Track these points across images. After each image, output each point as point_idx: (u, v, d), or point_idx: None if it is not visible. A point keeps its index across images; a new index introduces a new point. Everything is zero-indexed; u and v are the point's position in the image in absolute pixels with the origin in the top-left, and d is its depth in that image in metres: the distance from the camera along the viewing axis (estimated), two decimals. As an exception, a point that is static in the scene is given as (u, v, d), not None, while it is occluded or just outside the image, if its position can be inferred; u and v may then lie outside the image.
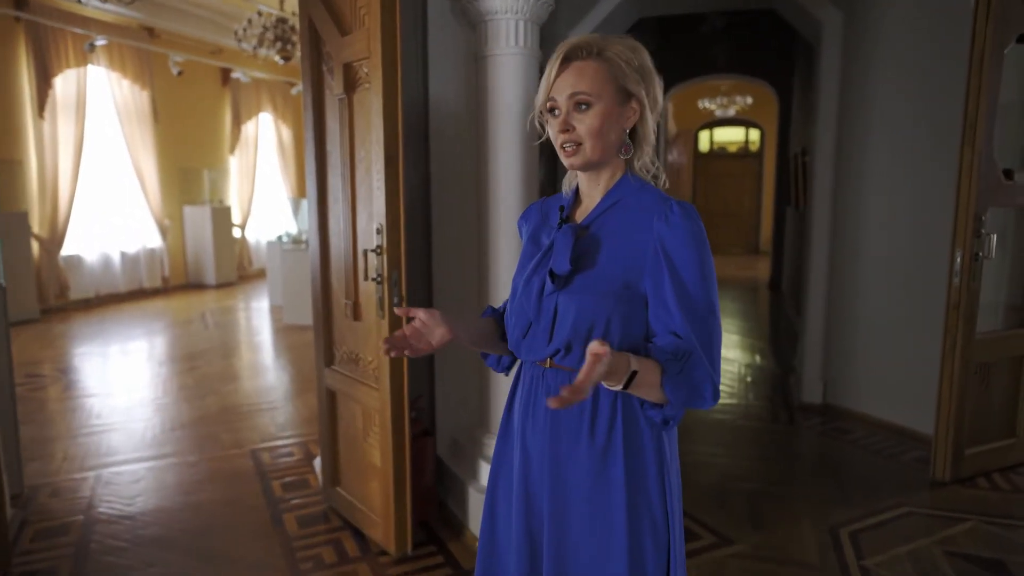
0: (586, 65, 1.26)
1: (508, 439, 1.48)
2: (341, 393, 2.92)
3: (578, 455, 1.31)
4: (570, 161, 1.29)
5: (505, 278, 2.78)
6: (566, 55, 1.27)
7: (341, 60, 2.62)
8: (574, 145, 1.27)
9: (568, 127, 1.27)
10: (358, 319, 2.75)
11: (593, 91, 1.25)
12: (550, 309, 1.30)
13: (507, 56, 2.66)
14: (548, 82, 1.28)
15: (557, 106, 1.28)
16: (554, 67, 1.27)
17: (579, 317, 1.26)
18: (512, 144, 2.72)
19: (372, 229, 2.55)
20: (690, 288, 1.21)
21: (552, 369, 1.34)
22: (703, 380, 1.20)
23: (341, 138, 2.69)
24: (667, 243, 1.22)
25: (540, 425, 1.36)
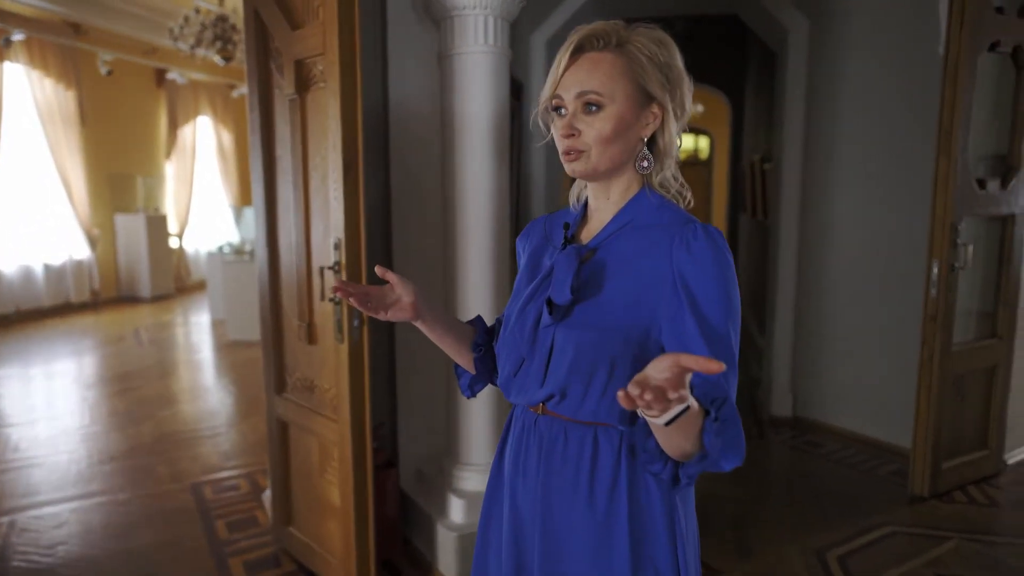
0: (601, 58, 1.06)
1: (499, 488, 1.27)
2: (294, 424, 2.64)
3: (574, 523, 1.10)
4: (571, 167, 1.09)
5: (475, 297, 2.56)
6: (578, 44, 1.06)
7: (292, 57, 2.36)
8: (577, 152, 1.07)
9: (573, 131, 1.06)
10: (313, 343, 2.49)
11: (606, 90, 1.05)
12: (545, 344, 1.10)
13: (475, 55, 2.45)
14: (555, 76, 1.08)
15: (563, 104, 1.08)
16: (563, 58, 1.07)
17: (578, 356, 1.06)
18: (482, 151, 2.51)
19: (329, 244, 2.30)
20: (716, 333, 1.00)
21: (545, 416, 1.14)
22: (739, 432, 0.99)
23: (292, 142, 2.43)
24: (689, 276, 1.02)
25: (531, 483, 1.15)
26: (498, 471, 1.27)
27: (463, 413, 2.64)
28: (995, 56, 3.12)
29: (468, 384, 1.32)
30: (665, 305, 1.03)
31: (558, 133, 1.09)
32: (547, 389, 1.09)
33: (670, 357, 0.78)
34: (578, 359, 1.06)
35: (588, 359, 1.05)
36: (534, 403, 1.13)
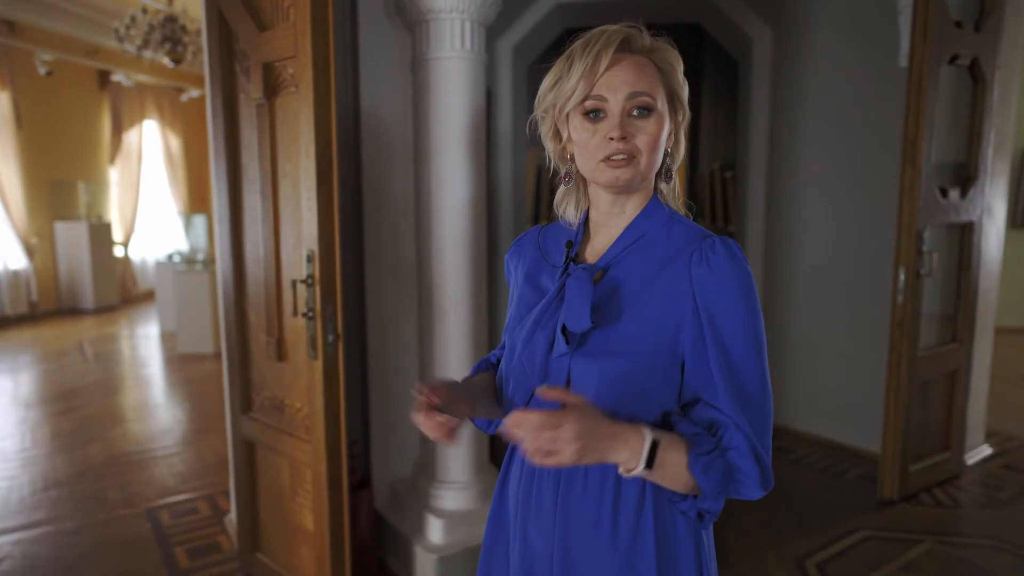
0: (644, 62, 1.01)
1: (502, 524, 1.19)
2: (262, 445, 2.51)
3: (596, 560, 1.03)
4: (617, 174, 1.00)
5: (452, 312, 2.49)
6: (622, 44, 1.00)
7: (260, 59, 2.25)
8: (628, 157, 1.00)
9: (627, 133, 0.99)
10: (283, 360, 2.37)
11: (656, 94, 1.00)
12: (561, 375, 1.02)
13: (451, 60, 2.39)
14: (593, 73, 0.99)
15: (603, 107, 1.00)
16: (604, 56, 0.99)
17: (604, 386, 0.98)
18: (458, 158, 2.44)
19: (301, 256, 2.19)
20: (740, 360, 0.96)
21: None
22: (744, 463, 0.94)
23: (260, 149, 2.31)
24: (710, 297, 0.97)
25: (547, 517, 1.07)
26: (499, 510, 1.19)
27: (440, 429, 2.55)
28: (953, 68, 3.20)
29: (487, 424, 1.24)
30: (688, 328, 0.98)
31: (596, 137, 1.01)
32: None
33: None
34: (603, 390, 0.99)
35: (614, 389, 0.98)
36: None
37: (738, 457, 0.94)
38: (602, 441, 0.92)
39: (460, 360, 2.51)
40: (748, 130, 4.18)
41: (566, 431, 0.88)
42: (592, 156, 1.02)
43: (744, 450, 0.95)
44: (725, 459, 0.94)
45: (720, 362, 0.96)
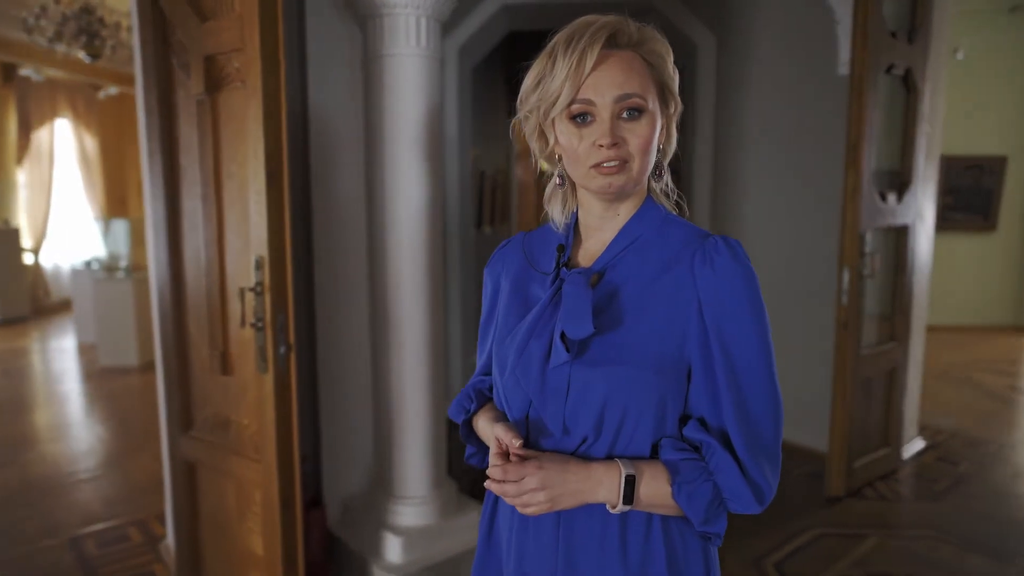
0: (632, 57, 0.94)
1: (493, 549, 1.12)
2: (205, 466, 2.34)
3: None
4: (610, 181, 0.94)
5: (407, 321, 2.39)
6: (608, 39, 0.93)
7: (201, 52, 2.09)
8: (620, 163, 0.94)
9: (617, 140, 0.93)
10: (229, 374, 2.21)
11: (646, 94, 0.94)
12: (560, 386, 0.96)
13: (407, 57, 2.29)
14: (578, 75, 0.93)
15: (591, 111, 0.94)
16: (590, 54, 0.92)
17: (612, 398, 0.93)
18: (414, 160, 2.35)
19: (249, 262, 2.05)
20: (745, 370, 0.93)
21: None
22: (731, 484, 0.92)
23: (202, 149, 2.15)
24: (716, 302, 0.93)
25: (546, 539, 1.00)
26: (489, 536, 1.12)
27: (397, 443, 2.44)
28: (888, 78, 3.32)
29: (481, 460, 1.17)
30: (694, 333, 0.94)
31: (585, 142, 0.95)
32: (576, 435, 0.96)
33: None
34: (611, 401, 0.93)
35: (621, 400, 0.93)
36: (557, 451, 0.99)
37: (725, 479, 0.92)
38: (573, 484, 0.92)
39: (416, 371, 2.41)
40: (693, 134, 4.24)
41: (528, 482, 0.92)
42: (582, 163, 0.96)
43: (731, 471, 0.92)
44: (712, 483, 0.92)
45: (725, 372, 0.93)
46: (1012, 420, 4.63)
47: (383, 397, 2.46)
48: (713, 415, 0.94)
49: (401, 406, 2.42)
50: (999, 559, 2.79)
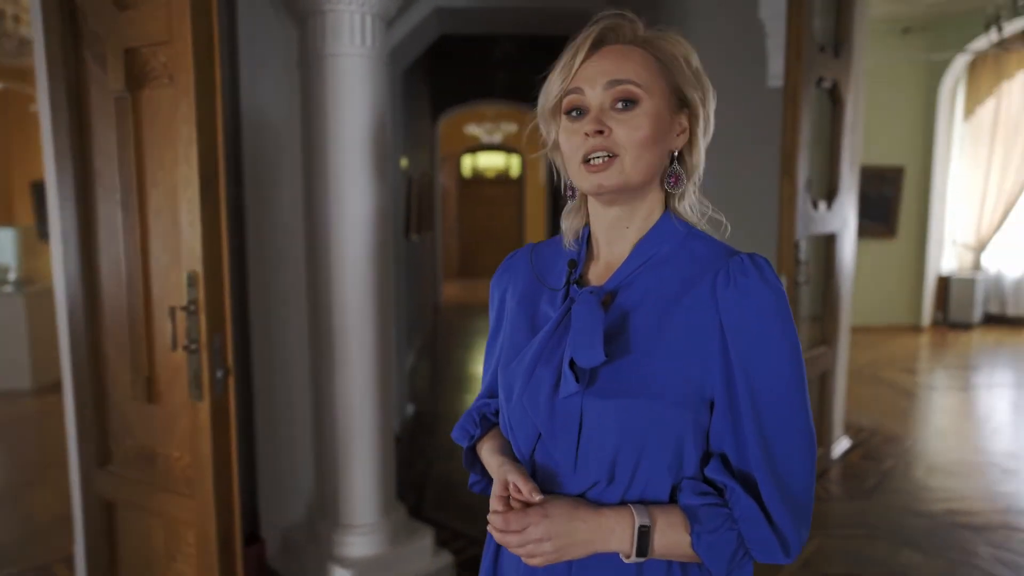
0: (630, 50, 0.88)
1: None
2: (125, 504, 2.11)
3: None
4: (597, 179, 0.86)
5: (355, 338, 2.24)
6: (599, 35, 0.87)
7: (121, 44, 1.88)
8: (607, 156, 0.86)
9: (602, 127, 0.85)
10: (155, 401, 1.99)
11: (643, 81, 0.86)
12: (571, 418, 0.87)
13: (353, 58, 2.15)
14: (570, 68, 0.87)
15: (583, 103, 0.87)
16: (583, 48, 0.86)
17: (627, 435, 0.84)
18: (360, 166, 2.21)
19: (179, 278, 1.85)
20: (772, 404, 0.84)
21: None
22: (756, 534, 0.84)
23: (122, 152, 1.93)
24: (741, 329, 0.84)
25: None
26: None
27: (343, 468, 2.29)
28: (817, 90, 3.44)
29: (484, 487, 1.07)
30: (717, 363, 0.85)
31: (576, 135, 0.87)
32: (588, 475, 0.87)
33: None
34: (624, 436, 0.85)
35: (636, 436, 0.84)
36: (571, 493, 0.89)
37: (750, 529, 0.84)
38: (582, 535, 0.83)
39: (364, 389, 2.26)
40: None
41: (532, 532, 0.82)
42: (572, 159, 0.89)
43: (757, 521, 0.84)
44: (736, 532, 0.85)
45: (751, 409, 0.84)
46: (922, 415, 4.92)
47: (327, 419, 2.29)
48: (737, 456, 0.86)
49: (347, 428, 2.27)
50: (928, 554, 2.92)
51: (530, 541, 0.82)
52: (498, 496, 0.86)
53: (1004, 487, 3.63)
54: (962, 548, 2.96)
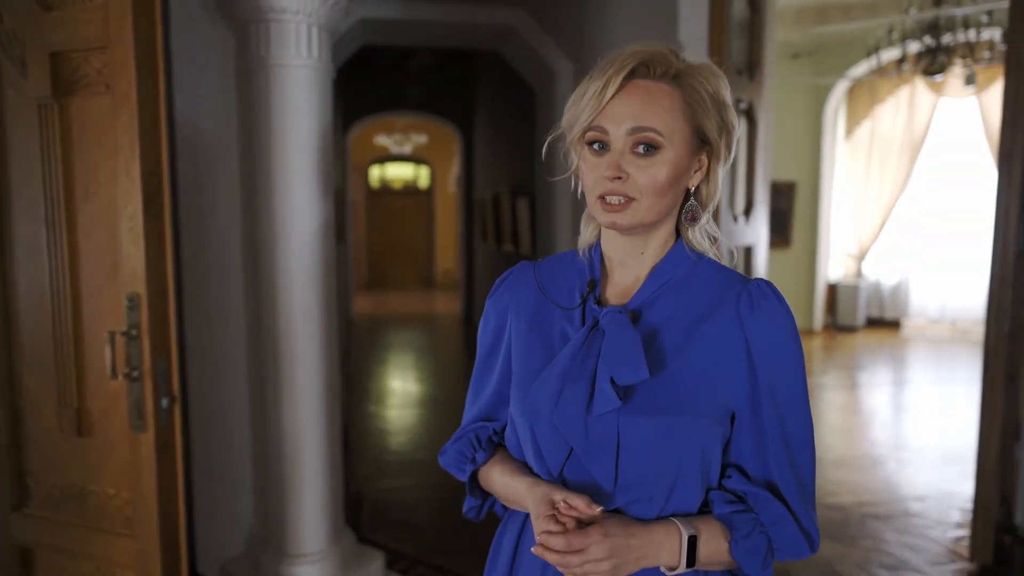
0: (659, 90, 0.89)
1: None
2: (47, 548, 1.92)
3: None
4: (612, 218, 0.89)
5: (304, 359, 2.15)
6: (633, 68, 0.89)
7: (45, 47, 1.73)
8: (623, 199, 0.89)
9: (621, 173, 0.88)
10: (86, 435, 1.83)
11: (667, 130, 0.88)
12: (609, 436, 0.89)
13: (298, 68, 2.08)
14: (599, 101, 0.88)
15: (606, 139, 0.89)
16: (613, 81, 0.87)
17: (670, 450, 0.88)
18: (306, 178, 2.14)
19: (117, 299, 1.72)
20: (793, 417, 0.92)
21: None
22: (786, 535, 0.91)
23: (47, 164, 1.78)
24: (763, 347, 0.90)
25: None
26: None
27: (291, 495, 2.19)
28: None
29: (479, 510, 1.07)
30: (743, 381, 0.90)
31: (595, 172, 0.90)
32: (628, 491, 0.88)
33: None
34: (667, 451, 0.88)
35: (677, 450, 0.88)
36: (601, 508, 0.90)
37: (780, 531, 0.91)
38: (636, 551, 0.86)
39: (313, 412, 2.18)
40: (554, 161, 4.34)
41: (594, 551, 0.83)
42: (590, 192, 0.92)
43: (787, 523, 0.91)
44: (766, 535, 0.91)
45: (774, 420, 0.91)
46: (819, 413, 5.27)
47: (272, 445, 2.19)
48: (760, 464, 0.92)
49: (296, 453, 2.17)
50: (846, 544, 3.13)
51: (590, 561, 0.82)
52: (546, 516, 0.85)
53: (899, 478, 3.96)
54: (873, 536, 3.20)
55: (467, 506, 1.07)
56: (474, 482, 1.06)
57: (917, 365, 7.09)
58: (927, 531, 3.25)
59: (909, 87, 7.78)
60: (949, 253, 7.99)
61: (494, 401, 1.05)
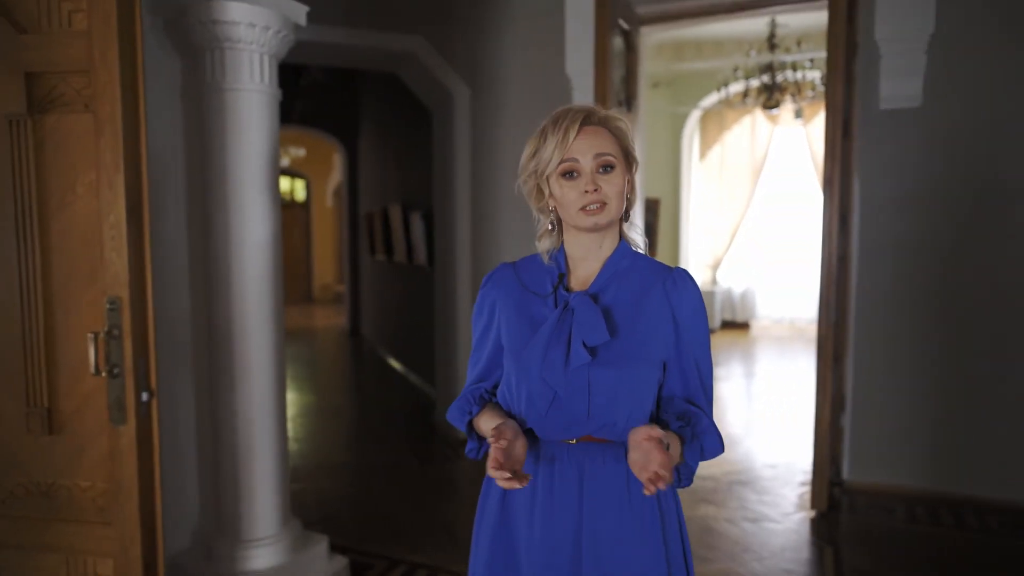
0: (598, 130, 1.28)
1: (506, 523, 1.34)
2: (9, 547, 1.98)
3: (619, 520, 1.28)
4: (595, 219, 1.27)
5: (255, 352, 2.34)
6: (585, 118, 1.27)
7: (19, 67, 1.85)
8: (600, 204, 1.26)
9: (596, 186, 1.25)
10: (56, 432, 1.93)
11: (614, 153, 1.28)
12: (582, 383, 1.26)
13: (251, 93, 2.30)
14: (565, 142, 1.25)
15: (577, 168, 1.26)
16: (572, 128, 1.25)
17: (624, 389, 1.26)
18: (258, 192, 2.35)
19: (93, 303, 1.86)
20: (703, 359, 1.33)
21: (581, 443, 1.29)
22: (713, 440, 1.32)
23: (18, 176, 1.88)
24: (683, 314, 1.30)
25: (570, 500, 1.28)
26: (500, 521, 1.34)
27: (244, 484, 2.36)
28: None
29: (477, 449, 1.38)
30: (671, 339, 1.30)
31: (573, 192, 1.26)
32: (597, 421, 1.25)
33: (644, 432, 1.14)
34: (623, 392, 1.25)
35: (630, 391, 1.25)
36: (581, 435, 1.26)
37: (710, 439, 1.31)
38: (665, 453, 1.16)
39: (264, 407, 2.37)
40: (453, 177, 4.68)
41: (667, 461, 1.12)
42: (572, 207, 1.28)
43: (712, 430, 1.31)
44: (700, 440, 1.30)
45: (692, 362, 1.32)
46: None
47: (226, 437, 2.35)
48: (684, 391, 1.32)
49: (248, 444, 2.35)
50: (718, 506, 3.69)
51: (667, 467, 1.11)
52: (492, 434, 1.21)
53: (756, 451, 4.64)
54: (739, 498, 3.79)
55: (468, 447, 1.38)
56: (471, 429, 1.38)
57: (764, 359, 8.09)
58: (779, 490, 3.90)
59: (751, 117, 8.89)
60: (788, 263, 9.17)
61: (488, 365, 1.39)
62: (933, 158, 3.66)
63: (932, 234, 3.69)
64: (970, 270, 3.64)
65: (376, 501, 3.84)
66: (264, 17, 2.25)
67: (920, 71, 3.57)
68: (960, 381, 3.69)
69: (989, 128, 3.55)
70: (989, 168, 3.58)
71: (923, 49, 3.54)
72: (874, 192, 3.79)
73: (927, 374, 3.75)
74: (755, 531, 3.39)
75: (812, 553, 3.20)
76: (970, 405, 3.66)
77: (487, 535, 1.35)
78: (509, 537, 1.33)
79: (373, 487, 4.11)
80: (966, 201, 3.62)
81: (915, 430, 3.78)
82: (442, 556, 3.07)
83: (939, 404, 3.72)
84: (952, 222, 3.65)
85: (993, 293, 3.60)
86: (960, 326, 3.68)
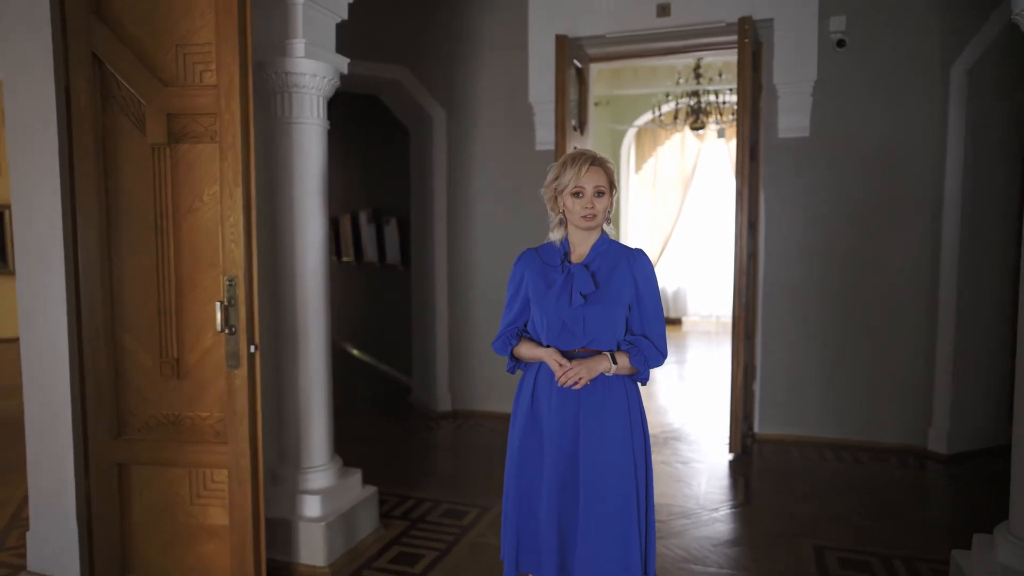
0: (599, 169, 2.11)
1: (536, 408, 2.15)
2: (143, 464, 2.67)
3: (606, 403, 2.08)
4: (589, 224, 2.09)
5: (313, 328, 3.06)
6: (592, 162, 2.10)
7: (163, 110, 2.55)
8: (593, 215, 2.10)
9: (592, 205, 2.07)
10: (183, 377, 2.63)
11: (605, 185, 2.11)
12: (580, 316, 2.08)
13: (311, 125, 3.02)
14: (578, 175, 2.05)
15: (583, 191, 2.08)
16: (584, 167, 2.06)
17: (604, 320, 2.09)
18: (315, 202, 3.06)
19: (213, 281, 2.56)
20: (653, 306, 2.16)
21: (580, 354, 2.11)
22: (652, 353, 2.15)
23: (158, 188, 2.57)
24: (641, 278, 2.12)
25: (573, 393, 2.10)
26: (531, 406, 2.15)
27: (304, 427, 3.07)
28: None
29: (515, 366, 2.21)
30: (632, 293, 2.13)
31: (577, 205, 2.07)
32: (589, 338, 2.07)
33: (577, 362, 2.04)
34: (604, 322, 2.07)
35: (610, 321, 2.08)
36: (577, 347, 2.08)
37: (650, 352, 2.13)
38: (595, 367, 2.03)
39: (318, 370, 3.08)
40: (431, 187, 5.44)
41: (578, 369, 2.00)
42: (576, 215, 2.10)
43: (651, 349, 2.13)
44: (643, 354, 2.14)
45: (646, 310, 2.15)
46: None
47: (292, 392, 3.06)
48: (640, 327, 2.15)
49: (308, 398, 3.07)
50: (657, 453, 4.58)
51: (581, 375, 1.99)
52: (557, 361, 2.02)
53: (686, 415, 5.57)
54: (673, 449, 4.69)
55: (508, 366, 2.19)
56: (511, 356, 2.18)
57: (694, 348, 9.12)
58: (704, 442, 4.83)
59: (681, 135, 9.98)
60: (715, 264, 10.28)
61: (518, 314, 2.20)
62: (821, 176, 4.68)
63: (823, 237, 4.70)
64: (854, 266, 4.66)
65: (372, 459, 4.54)
66: (322, 69, 2.99)
67: (807, 109, 4.59)
68: (845, 357, 4.71)
69: (863, 154, 4.59)
70: (864, 186, 4.61)
71: (809, 92, 4.56)
72: (776, 203, 4.78)
73: (819, 350, 4.76)
74: (686, 471, 4.30)
75: (730, 482, 4.12)
76: (852, 375, 4.69)
77: (523, 412, 2.15)
78: (536, 413, 2.14)
79: (365, 452, 4.77)
80: (849, 210, 4.65)
81: (809, 393, 4.78)
82: (442, 492, 3.85)
83: (827, 374, 4.74)
84: (838, 227, 4.67)
85: (872, 286, 4.63)
86: (846, 313, 4.70)
